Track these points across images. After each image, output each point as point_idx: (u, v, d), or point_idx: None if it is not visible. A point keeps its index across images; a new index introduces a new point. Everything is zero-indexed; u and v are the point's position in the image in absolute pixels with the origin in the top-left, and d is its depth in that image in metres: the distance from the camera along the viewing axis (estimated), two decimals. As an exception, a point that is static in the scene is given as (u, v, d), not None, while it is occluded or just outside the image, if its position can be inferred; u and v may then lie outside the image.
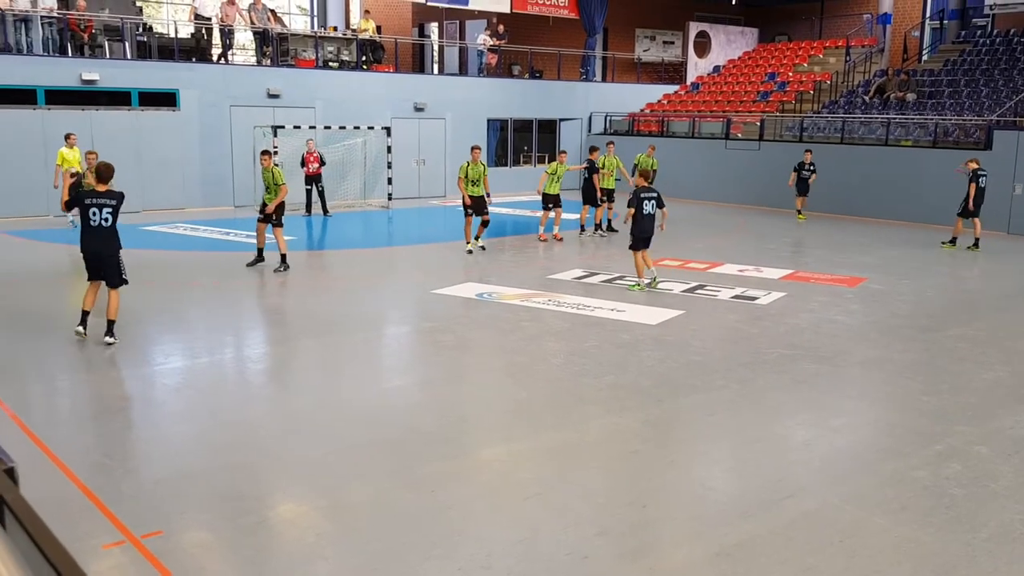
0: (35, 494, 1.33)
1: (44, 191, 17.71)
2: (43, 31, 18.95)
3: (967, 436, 6.62)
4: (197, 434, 6.64)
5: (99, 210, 8.64)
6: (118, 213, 8.76)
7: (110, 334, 8.80)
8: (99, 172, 8.77)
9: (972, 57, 23.33)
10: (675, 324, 10.07)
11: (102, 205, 8.65)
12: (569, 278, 12.64)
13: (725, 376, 8.10)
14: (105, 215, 8.65)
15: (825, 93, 25.37)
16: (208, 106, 20.20)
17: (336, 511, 5.30)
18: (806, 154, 19.79)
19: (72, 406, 7.52)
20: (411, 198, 23.30)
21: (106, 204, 8.66)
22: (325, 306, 11.13)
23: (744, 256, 14.79)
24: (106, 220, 8.66)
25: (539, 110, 26.28)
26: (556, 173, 16.13)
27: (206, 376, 8.24)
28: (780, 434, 6.82)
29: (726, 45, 31.17)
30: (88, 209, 8.64)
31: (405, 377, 8.39)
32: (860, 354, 9.08)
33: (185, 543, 4.83)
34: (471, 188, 14.50)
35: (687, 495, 5.62)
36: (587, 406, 7.29)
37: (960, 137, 19.63)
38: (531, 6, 26.75)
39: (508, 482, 5.76)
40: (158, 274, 12.83)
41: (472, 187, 14.50)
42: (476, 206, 14.62)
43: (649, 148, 18.98)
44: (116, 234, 8.80)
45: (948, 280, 13.41)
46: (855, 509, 5.33)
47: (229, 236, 16.58)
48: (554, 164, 16.45)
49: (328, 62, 23.03)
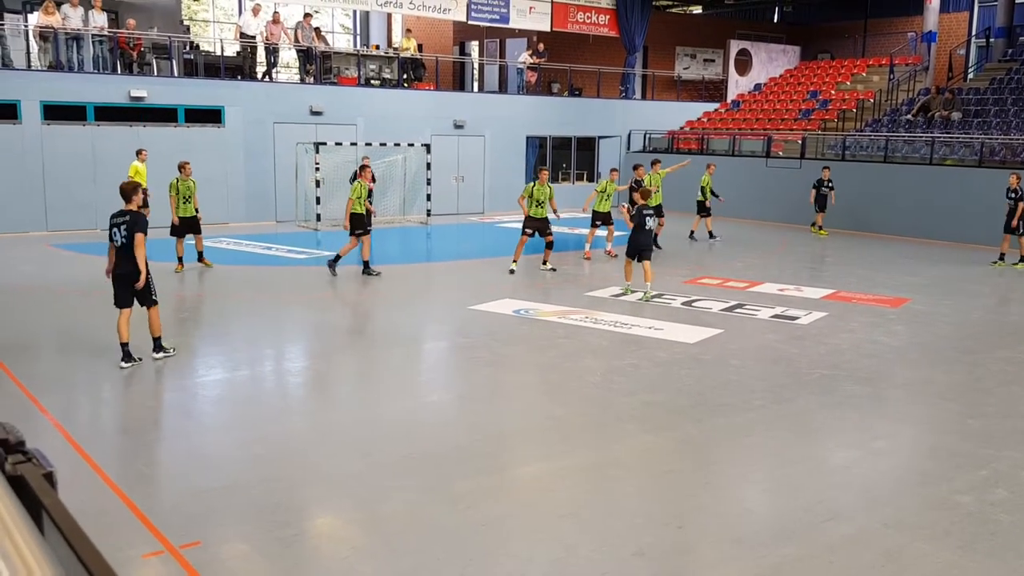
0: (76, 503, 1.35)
1: (93, 205, 18.11)
2: (93, 49, 19.43)
3: (1014, 461, 6.46)
4: (236, 446, 6.71)
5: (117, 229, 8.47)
6: (133, 232, 8.37)
7: (159, 349, 8.82)
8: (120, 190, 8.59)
9: (1019, 75, 22.95)
10: (714, 343, 9.99)
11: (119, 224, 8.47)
12: (607, 295, 12.60)
13: (763, 396, 8.01)
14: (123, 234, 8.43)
15: (868, 111, 25.08)
16: (252, 123, 20.52)
17: (371, 525, 5.32)
18: (824, 171, 19.84)
19: (114, 417, 7.64)
20: (450, 214, 23.43)
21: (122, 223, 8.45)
22: (364, 321, 11.21)
23: (785, 275, 14.64)
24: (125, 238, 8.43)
25: (578, 128, 26.31)
26: (605, 191, 16.21)
27: (246, 389, 8.34)
28: (820, 456, 6.72)
29: (767, 63, 31.01)
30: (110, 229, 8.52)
31: (441, 393, 8.41)
32: (902, 376, 8.93)
33: (223, 554, 4.87)
34: (535, 209, 14.45)
35: (724, 516, 5.55)
36: (623, 424, 7.25)
37: (1007, 156, 19.30)
38: (571, 24, 26.86)
39: (543, 500, 5.74)
40: (197, 288, 13.03)
41: (536, 208, 14.45)
42: (540, 227, 14.62)
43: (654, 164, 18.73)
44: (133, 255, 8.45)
45: (994, 301, 13.15)
46: (896, 534, 5.22)
47: (271, 250, 16.79)
48: (604, 182, 16.53)
49: (370, 80, 23.29)
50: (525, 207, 14.55)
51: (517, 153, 25.12)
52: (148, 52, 20.42)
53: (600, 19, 27.40)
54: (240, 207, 20.56)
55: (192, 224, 14.12)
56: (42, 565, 0.93)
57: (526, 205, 14.52)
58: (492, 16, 25.20)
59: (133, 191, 8.53)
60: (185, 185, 14.04)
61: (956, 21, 29.13)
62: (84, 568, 0.97)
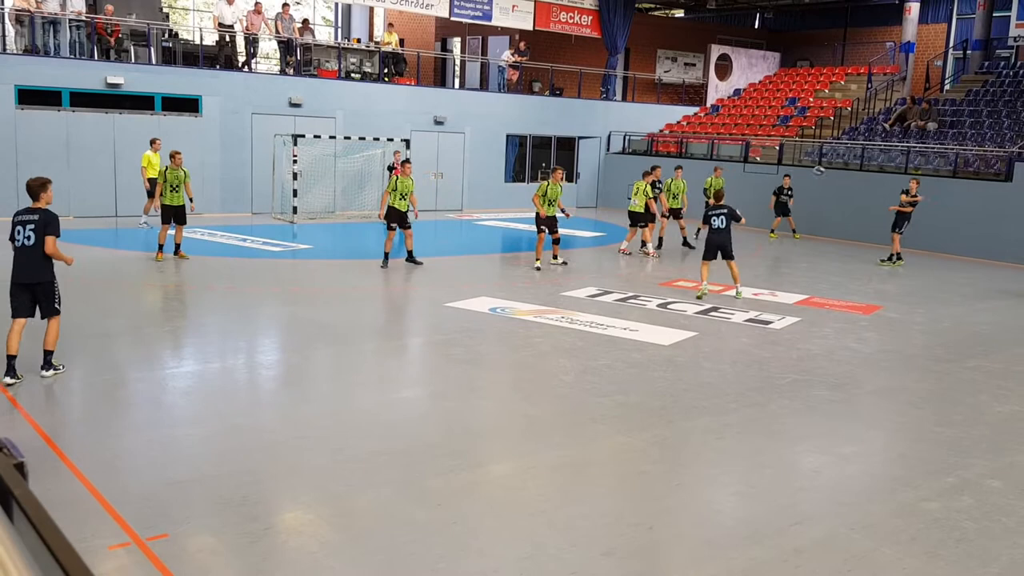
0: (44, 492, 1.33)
1: (67, 192, 17.88)
2: (70, 34, 19.19)
3: (980, 469, 6.55)
4: (206, 438, 6.66)
5: (22, 227, 7.53)
6: (41, 231, 7.47)
7: (48, 366, 7.81)
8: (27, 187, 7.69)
9: (995, 88, 23.25)
10: (688, 345, 10.04)
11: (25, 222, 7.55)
12: (583, 295, 12.63)
13: (736, 399, 8.06)
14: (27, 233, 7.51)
15: (845, 120, 25.33)
16: (230, 113, 20.36)
17: (341, 520, 5.30)
18: (785, 179, 20.33)
19: (84, 407, 7.55)
20: (428, 211, 23.37)
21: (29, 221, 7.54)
22: (337, 316, 11.16)
23: (759, 280, 14.74)
24: (28, 239, 7.51)
25: (558, 127, 26.35)
26: (643, 191, 16.71)
27: (216, 381, 8.27)
28: (790, 460, 6.78)
29: (747, 68, 31.21)
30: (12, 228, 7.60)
31: (415, 389, 8.39)
32: (873, 383, 9.02)
33: (190, 547, 4.83)
34: (548, 208, 14.67)
35: (694, 518, 5.58)
36: (596, 424, 7.27)
37: (981, 168, 19.54)
38: (554, 24, 26.89)
39: (514, 498, 5.74)
40: (172, 278, 12.92)
41: (548, 207, 14.67)
42: (550, 225, 14.79)
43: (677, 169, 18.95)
44: (47, 257, 7.54)
45: (966, 311, 13.32)
46: (863, 538, 5.28)
47: (246, 242, 16.68)
48: (640, 183, 16.89)
49: (350, 73, 23.19)
50: (540, 205, 14.69)
51: (497, 151, 25.11)
52: (126, 38, 20.20)
53: (583, 19, 27.46)
54: (216, 198, 20.39)
55: (178, 213, 14.05)
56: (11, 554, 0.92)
57: (540, 203, 14.71)
58: (475, 13, 25.17)
59: (41, 187, 7.59)
60: (175, 174, 13.97)
61: (934, 32, 29.46)
62: (53, 558, 0.95)
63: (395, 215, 14.35)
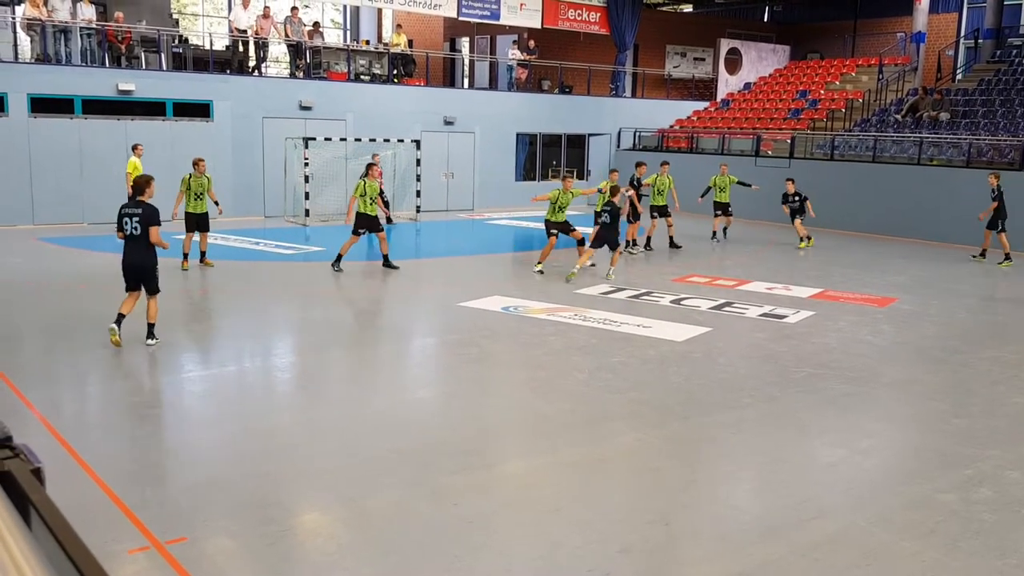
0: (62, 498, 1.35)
1: (80, 199, 18.02)
2: (81, 42, 19.31)
3: (998, 461, 6.51)
4: (223, 441, 6.69)
5: (129, 220, 8.78)
6: (146, 224, 8.71)
7: (151, 336, 9.01)
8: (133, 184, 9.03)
9: (1007, 77, 23.07)
10: (702, 341, 10.02)
11: (131, 215, 8.78)
12: (596, 293, 12.62)
13: (751, 394, 8.04)
14: (135, 224, 8.75)
15: (857, 111, 25.18)
16: (241, 117, 20.43)
17: (358, 521, 5.32)
18: (788, 184, 18.79)
19: (101, 412, 7.61)
20: (439, 211, 23.41)
21: (134, 214, 8.76)
22: (352, 317, 11.19)
23: (773, 274, 14.69)
24: (135, 229, 8.75)
25: (568, 125, 26.32)
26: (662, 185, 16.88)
27: (233, 384, 8.32)
28: (806, 454, 6.76)
29: (757, 62, 31.08)
30: (120, 220, 8.82)
31: (429, 389, 8.41)
32: (889, 375, 8.98)
33: (209, 550, 4.86)
34: (556, 214, 14.64)
35: (710, 514, 5.57)
36: (611, 422, 7.26)
37: (994, 157, 19.40)
38: (562, 21, 26.85)
39: (530, 496, 5.75)
40: (190, 283, 12.98)
41: (558, 213, 14.61)
42: (562, 229, 14.74)
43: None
44: (150, 245, 8.81)
45: (980, 302, 13.24)
46: (881, 532, 5.26)
47: (259, 246, 16.74)
48: (653, 176, 17.04)
49: (360, 75, 23.23)
50: (548, 210, 14.75)
51: (507, 150, 25.11)
52: (137, 45, 20.30)
53: (591, 16, 27.41)
54: (228, 202, 20.40)
55: (201, 221, 14.01)
56: (29, 560, 0.93)
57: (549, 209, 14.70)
58: (483, 12, 25.16)
59: (147, 184, 8.82)
60: (198, 182, 13.96)
61: (945, 22, 29.26)
62: (72, 563, 0.97)
63: (364, 221, 14.00)
